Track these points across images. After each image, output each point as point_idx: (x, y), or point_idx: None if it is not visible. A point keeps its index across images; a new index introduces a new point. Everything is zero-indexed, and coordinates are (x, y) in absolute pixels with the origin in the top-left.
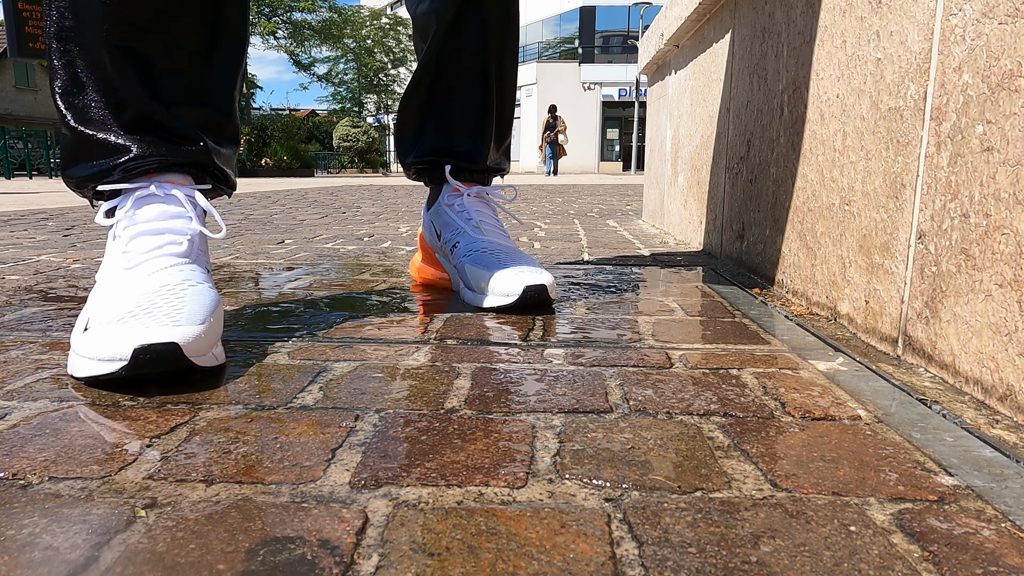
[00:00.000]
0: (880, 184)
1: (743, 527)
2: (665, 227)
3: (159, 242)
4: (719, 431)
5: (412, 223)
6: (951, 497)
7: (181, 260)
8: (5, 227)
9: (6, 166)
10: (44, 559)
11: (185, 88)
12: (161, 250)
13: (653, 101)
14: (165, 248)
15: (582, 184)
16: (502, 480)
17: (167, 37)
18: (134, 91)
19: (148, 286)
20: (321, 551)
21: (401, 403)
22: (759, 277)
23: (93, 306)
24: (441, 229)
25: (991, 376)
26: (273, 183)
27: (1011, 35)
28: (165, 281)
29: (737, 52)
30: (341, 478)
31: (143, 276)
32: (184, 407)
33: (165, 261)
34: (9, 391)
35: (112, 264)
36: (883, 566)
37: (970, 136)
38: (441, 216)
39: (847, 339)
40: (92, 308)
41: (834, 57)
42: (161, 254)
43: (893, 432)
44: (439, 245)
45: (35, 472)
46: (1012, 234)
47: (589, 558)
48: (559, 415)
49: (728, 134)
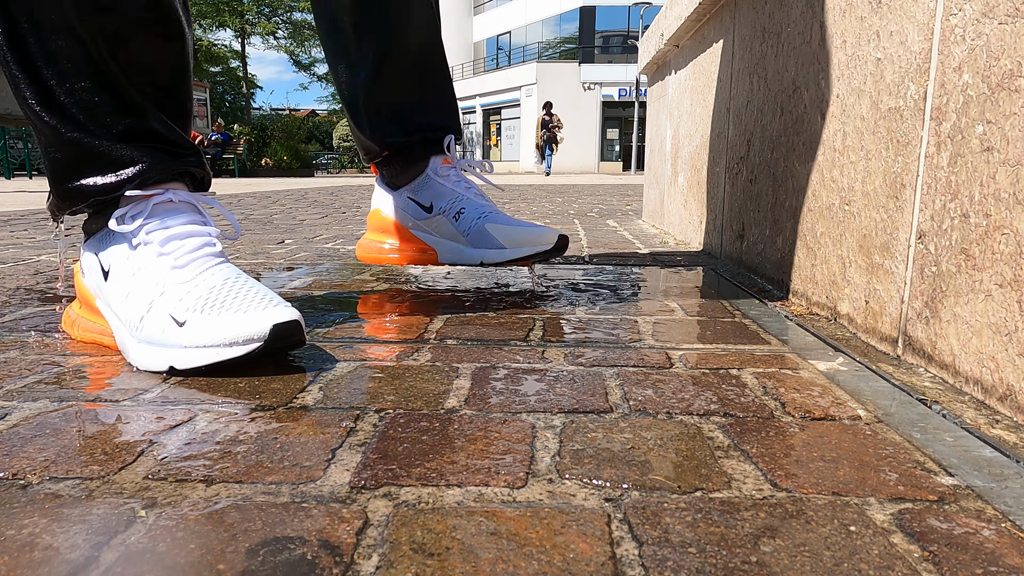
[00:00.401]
0: (880, 184)
1: (743, 527)
2: (665, 227)
3: (197, 243)
4: (719, 431)
5: None
6: (951, 497)
7: (222, 259)
8: (5, 227)
9: (6, 166)
10: (44, 559)
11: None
12: (202, 251)
13: (653, 101)
14: (204, 249)
15: (582, 184)
16: (502, 480)
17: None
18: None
19: (210, 280)
20: (321, 551)
21: (401, 403)
22: (759, 277)
23: (146, 302)
24: (433, 200)
25: (991, 376)
26: (273, 183)
27: (1011, 35)
28: (227, 275)
29: (737, 52)
30: (341, 478)
31: (196, 273)
32: (184, 407)
33: (210, 260)
34: (9, 391)
35: (147, 265)
36: (883, 566)
37: (970, 136)
38: (432, 188)
39: (847, 339)
40: (148, 304)
41: (834, 57)
42: (203, 254)
43: (893, 432)
44: (424, 218)
45: (35, 472)
46: (1012, 234)
47: (589, 558)
48: (559, 415)
49: (728, 134)
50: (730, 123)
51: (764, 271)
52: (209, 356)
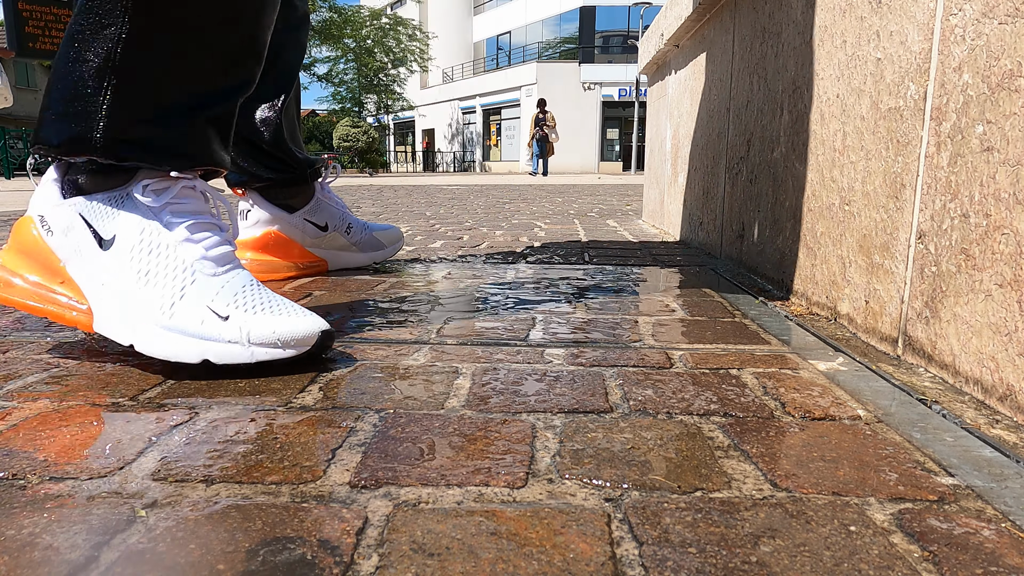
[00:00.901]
0: (880, 184)
1: (743, 527)
2: (665, 227)
3: (220, 239)
4: (719, 431)
5: (412, 223)
6: (951, 497)
7: (238, 262)
8: (5, 227)
9: (6, 166)
10: (44, 559)
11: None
12: (226, 247)
13: (653, 101)
14: (227, 247)
15: (582, 184)
16: (502, 480)
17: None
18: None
19: (236, 280)
20: (321, 551)
21: (401, 403)
22: (759, 277)
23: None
24: (327, 220)
25: (991, 376)
26: None
27: (1011, 35)
28: (248, 278)
29: (737, 52)
30: (341, 478)
31: (224, 269)
32: (184, 407)
33: (233, 259)
34: (9, 391)
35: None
36: (883, 566)
37: (970, 136)
38: (324, 210)
39: (847, 339)
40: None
41: (834, 57)
42: (228, 251)
43: (893, 432)
44: (321, 236)
45: (35, 472)
46: (1012, 234)
47: (589, 558)
48: (559, 415)
49: (728, 134)
50: (730, 123)
51: (764, 271)
52: (257, 355)
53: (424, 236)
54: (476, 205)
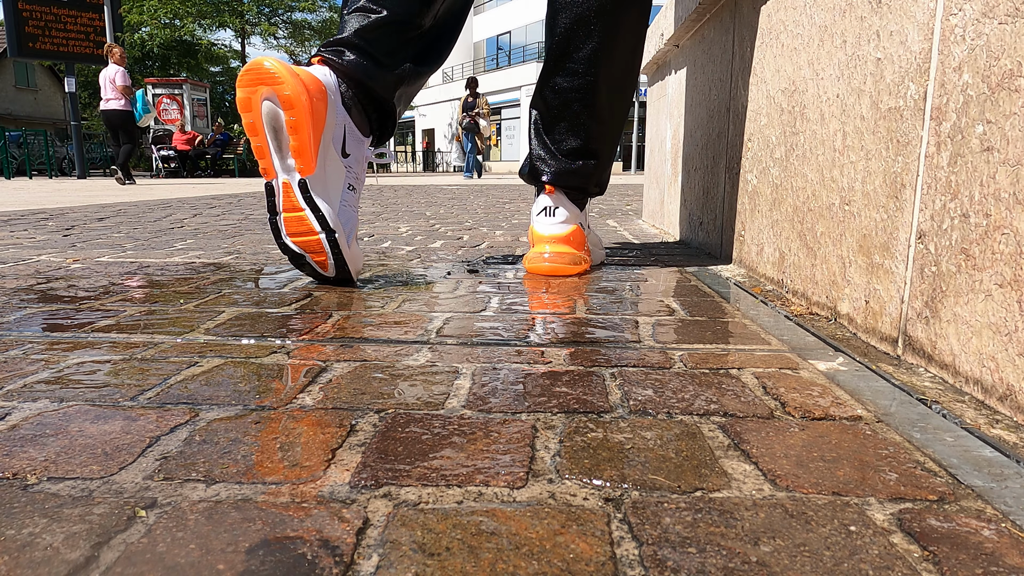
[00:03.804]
0: (880, 184)
1: (743, 527)
2: (665, 227)
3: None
4: (719, 431)
5: (412, 223)
6: (951, 497)
7: None
8: (5, 227)
9: (6, 166)
10: (44, 559)
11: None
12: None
13: (653, 101)
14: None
15: None
16: (502, 480)
17: None
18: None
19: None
20: (321, 551)
21: (401, 403)
22: (759, 277)
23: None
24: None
25: (991, 376)
26: None
27: (1011, 35)
28: None
29: (737, 52)
30: (341, 478)
31: None
32: (184, 407)
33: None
34: (9, 391)
35: (347, 188)
36: (883, 566)
37: (970, 136)
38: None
39: (847, 339)
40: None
41: (834, 57)
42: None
43: (893, 432)
44: (589, 231)
45: (35, 472)
46: (1012, 234)
47: (589, 558)
48: (559, 415)
49: (728, 134)
50: (730, 123)
51: (764, 271)
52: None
53: (424, 236)
54: (476, 205)
